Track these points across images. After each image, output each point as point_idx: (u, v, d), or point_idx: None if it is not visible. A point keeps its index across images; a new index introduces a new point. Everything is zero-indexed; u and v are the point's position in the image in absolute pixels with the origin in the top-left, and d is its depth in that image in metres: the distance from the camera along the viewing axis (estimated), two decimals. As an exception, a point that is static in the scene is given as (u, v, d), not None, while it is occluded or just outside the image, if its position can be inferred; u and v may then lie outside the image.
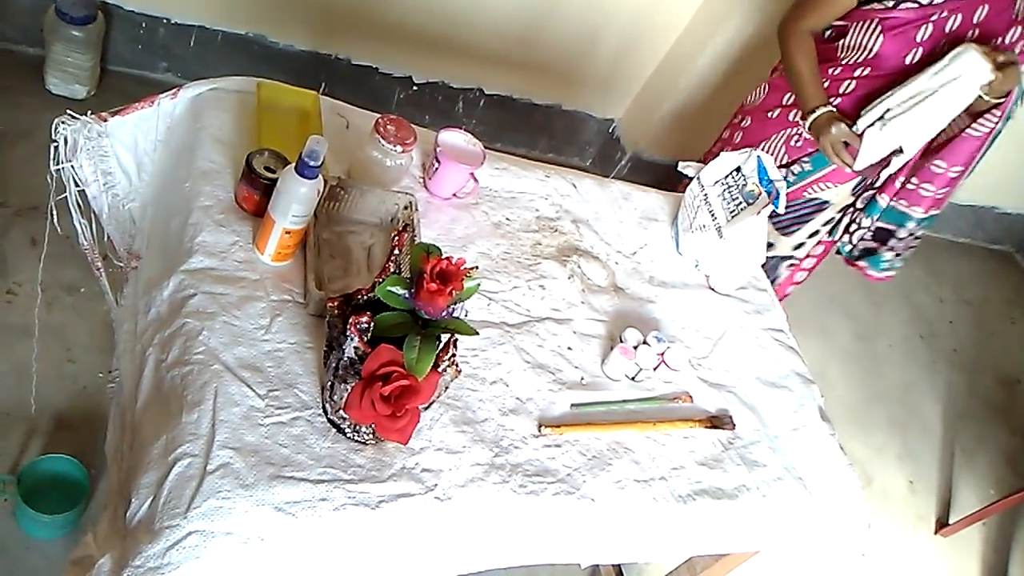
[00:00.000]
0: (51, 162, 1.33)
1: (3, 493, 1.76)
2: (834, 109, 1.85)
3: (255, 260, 1.26)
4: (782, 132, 2.00)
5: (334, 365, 1.09)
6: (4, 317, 2.01)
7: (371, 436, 1.13)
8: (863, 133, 1.79)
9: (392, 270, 1.13)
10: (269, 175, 1.26)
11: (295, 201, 1.19)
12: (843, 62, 1.87)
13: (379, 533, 1.10)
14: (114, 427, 1.22)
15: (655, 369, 1.44)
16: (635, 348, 1.43)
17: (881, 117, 1.77)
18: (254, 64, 2.71)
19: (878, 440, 2.88)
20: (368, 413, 1.02)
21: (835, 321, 3.21)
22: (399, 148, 1.40)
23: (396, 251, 1.15)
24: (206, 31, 2.65)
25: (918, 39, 1.77)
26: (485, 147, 1.54)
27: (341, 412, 1.09)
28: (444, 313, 1.08)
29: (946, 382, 3.19)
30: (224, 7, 2.62)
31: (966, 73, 1.67)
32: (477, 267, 1.23)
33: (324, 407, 1.14)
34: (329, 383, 1.11)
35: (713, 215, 1.64)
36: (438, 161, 1.47)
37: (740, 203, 1.61)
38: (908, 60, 1.79)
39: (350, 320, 1.04)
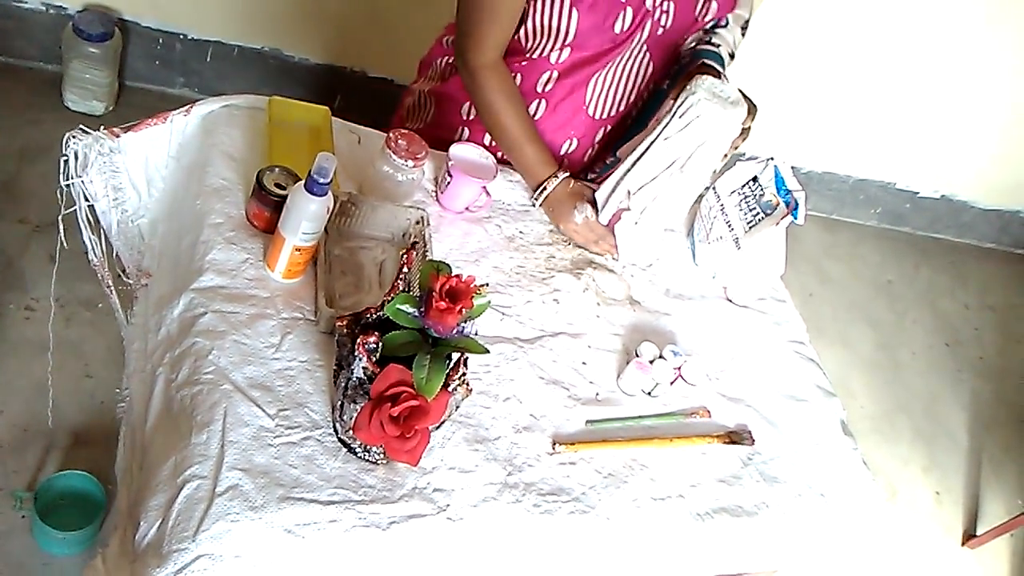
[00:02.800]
0: (61, 177, 1.33)
1: (20, 509, 1.76)
2: (568, 176, 1.53)
3: (266, 277, 1.25)
4: None
5: (343, 385, 1.08)
6: (22, 332, 2.03)
7: (382, 456, 1.12)
8: (613, 228, 1.51)
9: (401, 288, 1.12)
10: (279, 192, 1.26)
11: (305, 218, 1.19)
12: (532, 55, 1.52)
13: (390, 555, 1.09)
14: (124, 448, 1.22)
15: (672, 384, 1.42)
16: (651, 362, 1.41)
17: (628, 208, 1.48)
18: (270, 78, 2.72)
19: (903, 451, 2.83)
20: (377, 434, 1.01)
21: (857, 330, 3.16)
22: (410, 163, 1.39)
23: (405, 269, 1.14)
24: (222, 46, 2.67)
25: None
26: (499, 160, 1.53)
27: (351, 432, 1.08)
28: (454, 331, 1.06)
29: (972, 391, 3.13)
30: (240, 22, 2.63)
31: (711, 133, 1.39)
32: (487, 284, 1.22)
33: (334, 426, 1.13)
34: (339, 403, 1.10)
35: (730, 226, 1.62)
36: (450, 175, 1.46)
37: (758, 213, 1.59)
38: (619, 27, 1.48)
39: (358, 340, 1.03)
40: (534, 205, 1.57)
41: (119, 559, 1.04)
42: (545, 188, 1.54)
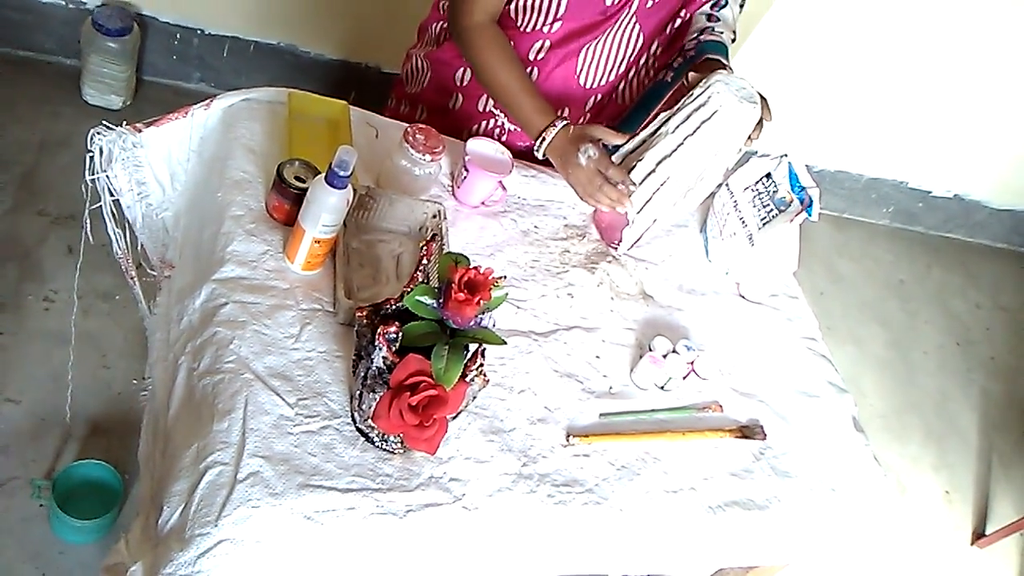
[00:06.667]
0: (86, 172, 1.35)
1: (38, 498, 1.79)
2: (568, 122, 1.47)
3: (285, 269, 1.27)
4: (479, 126, 1.64)
5: (363, 374, 1.09)
6: (41, 324, 2.05)
7: (399, 445, 1.13)
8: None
9: (420, 280, 1.13)
10: (299, 185, 1.27)
11: (325, 211, 1.20)
12: (525, 30, 1.53)
13: (407, 542, 1.10)
14: (147, 435, 1.24)
15: (684, 378, 1.43)
16: (664, 357, 1.42)
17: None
18: (286, 73, 2.74)
19: (913, 450, 2.83)
20: (396, 423, 1.03)
21: (868, 329, 3.16)
22: (428, 157, 1.40)
23: (424, 261, 1.15)
24: (239, 41, 2.69)
25: None
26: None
27: (370, 421, 1.10)
28: (472, 323, 1.08)
29: (983, 391, 3.13)
30: (256, 18, 2.65)
31: (727, 129, 1.39)
32: (505, 276, 1.23)
33: (353, 416, 1.15)
34: (358, 392, 1.12)
35: (744, 222, 1.63)
36: (466, 170, 1.48)
37: (771, 210, 1.60)
38: (610, 0, 1.50)
39: (378, 330, 1.04)
40: (537, 154, 1.50)
41: (142, 543, 1.06)
42: (544, 138, 1.47)
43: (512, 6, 1.52)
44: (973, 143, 3.37)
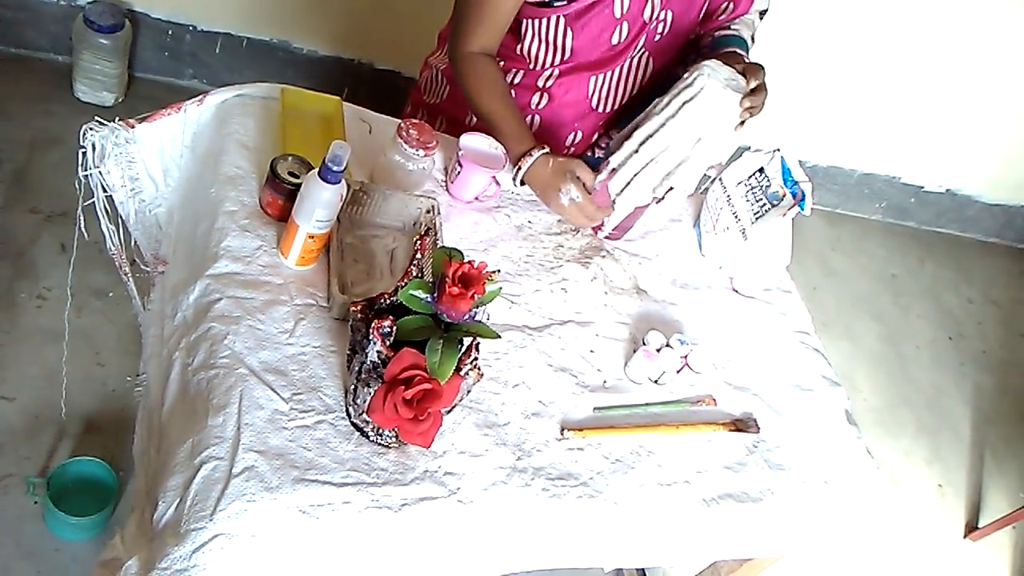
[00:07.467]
0: (79, 168, 1.35)
1: (33, 495, 1.79)
2: (545, 153, 1.47)
3: (279, 264, 1.27)
4: None
5: (357, 369, 1.09)
6: (34, 321, 2.05)
7: (394, 439, 1.14)
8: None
9: (414, 274, 1.14)
10: (293, 180, 1.28)
11: (319, 206, 1.20)
12: (534, 69, 1.60)
13: (402, 536, 1.11)
14: (141, 430, 1.24)
15: (678, 372, 1.43)
16: (658, 351, 1.42)
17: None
18: (278, 69, 2.74)
19: (906, 444, 2.85)
20: (391, 417, 1.03)
21: (861, 323, 3.17)
22: (421, 152, 1.41)
23: (418, 255, 1.16)
24: (231, 38, 2.69)
25: (618, 15, 1.49)
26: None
27: (364, 416, 1.10)
28: (466, 317, 1.08)
29: (975, 384, 3.15)
30: (249, 14, 2.65)
31: (709, 112, 1.40)
32: (499, 270, 1.23)
33: (347, 410, 1.15)
34: (352, 387, 1.12)
35: (737, 217, 1.63)
36: (460, 165, 1.48)
37: (764, 204, 1.60)
38: (616, 39, 1.53)
39: (372, 324, 1.05)
40: (514, 183, 1.51)
41: (137, 538, 1.06)
42: (521, 167, 1.48)
43: (519, 47, 1.56)
44: (965, 138, 3.38)
